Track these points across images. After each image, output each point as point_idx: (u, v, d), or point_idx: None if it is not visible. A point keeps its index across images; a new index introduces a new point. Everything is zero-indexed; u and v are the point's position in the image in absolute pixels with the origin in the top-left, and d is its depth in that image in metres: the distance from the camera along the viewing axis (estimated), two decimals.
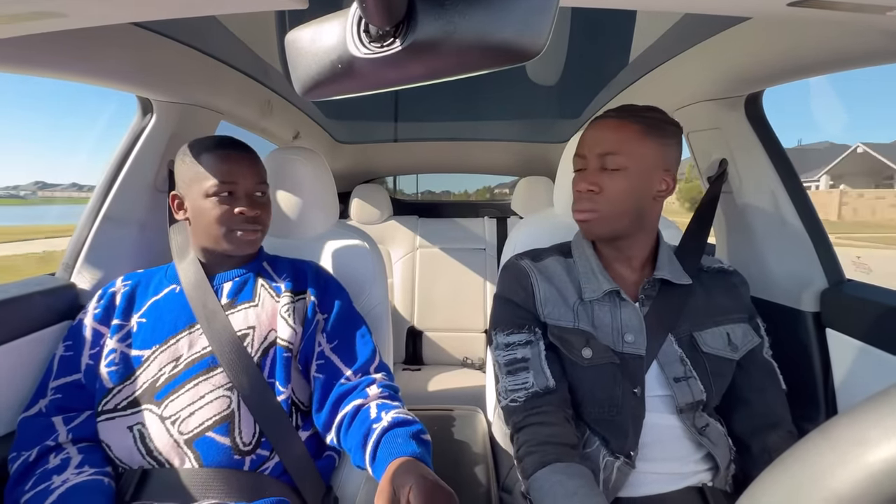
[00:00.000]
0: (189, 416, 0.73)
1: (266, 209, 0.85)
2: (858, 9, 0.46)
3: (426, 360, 2.01)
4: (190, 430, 0.72)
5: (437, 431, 0.88)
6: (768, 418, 0.75)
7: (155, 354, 0.76)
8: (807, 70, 0.77)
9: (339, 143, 2.05)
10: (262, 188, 0.84)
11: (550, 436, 0.69)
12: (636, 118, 0.72)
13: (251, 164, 0.82)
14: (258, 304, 0.82)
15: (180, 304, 0.80)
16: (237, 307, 0.81)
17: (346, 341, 0.82)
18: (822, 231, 0.93)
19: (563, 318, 0.76)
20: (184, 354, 0.76)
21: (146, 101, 1.02)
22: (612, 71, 1.28)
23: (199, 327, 0.78)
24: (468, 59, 0.31)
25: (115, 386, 0.75)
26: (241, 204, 0.79)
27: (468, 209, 2.45)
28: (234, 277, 0.84)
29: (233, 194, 0.80)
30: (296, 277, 0.87)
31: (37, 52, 0.69)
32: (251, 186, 0.81)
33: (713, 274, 0.82)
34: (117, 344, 0.77)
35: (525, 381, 0.73)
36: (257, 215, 0.81)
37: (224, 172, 0.79)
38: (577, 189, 0.75)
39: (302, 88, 0.38)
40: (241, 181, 0.80)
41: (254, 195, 0.82)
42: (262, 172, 0.85)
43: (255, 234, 0.82)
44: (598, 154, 0.73)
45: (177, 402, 0.73)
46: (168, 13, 0.52)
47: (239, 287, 0.83)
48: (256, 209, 0.81)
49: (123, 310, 0.80)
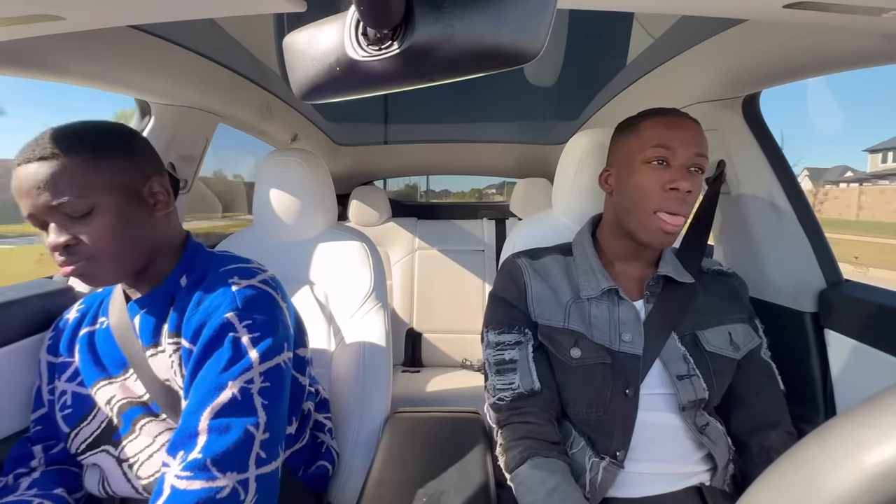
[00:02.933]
0: (148, 458, 0.67)
1: (90, 227, 0.59)
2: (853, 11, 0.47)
3: (425, 362, 2.01)
4: (149, 475, 0.67)
5: (436, 433, 0.88)
6: (767, 418, 0.75)
7: (96, 391, 0.70)
8: (803, 71, 0.78)
9: (337, 145, 2.05)
10: (66, 206, 0.58)
11: (530, 432, 0.71)
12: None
13: (39, 176, 0.57)
14: (163, 349, 0.67)
15: (110, 342, 0.70)
16: (147, 351, 0.67)
17: (188, 393, 0.61)
18: (820, 231, 0.93)
19: (553, 317, 0.76)
20: (117, 395, 0.69)
21: (144, 104, 1.02)
22: (610, 73, 1.28)
23: (132, 372, 0.68)
24: (466, 61, 0.31)
25: (71, 430, 0.70)
26: (47, 231, 0.60)
27: (467, 211, 2.46)
28: (142, 309, 0.68)
29: (42, 223, 0.60)
30: (181, 308, 0.66)
31: (35, 55, 0.69)
32: (45, 211, 0.58)
33: (713, 276, 0.82)
34: (66, 384, 0.71)
35: (512, 382, 0.74)
36: (69, 244, 0.59)
37: (15, 195, 0.60)
38: (677, 186, 0.68)
39: (300, 91, 0.38)
40: (33, 206, 0.58)
41: (57, 217, 0.59)
42: (58, 181, 0.57)
43: (77, 269, 0.60)
44: (694, 153, 0.69)
45: (133, 444, 0.68)
46: (166, 16, 0.52)
47: (144, 324, 0.68)
48: (62, 235, 0.58)
49: (68, 343, 0.73)
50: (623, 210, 0.75)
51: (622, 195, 0.75)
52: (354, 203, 2.13)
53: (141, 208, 0.64)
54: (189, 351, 0.62)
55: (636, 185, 0.71)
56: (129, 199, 0.62)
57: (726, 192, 1.03)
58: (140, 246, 0.64)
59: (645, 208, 0.70)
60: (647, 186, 0.70)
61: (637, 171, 0.71)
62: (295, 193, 1.04)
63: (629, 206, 0.73)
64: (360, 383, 0.96)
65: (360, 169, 2.33)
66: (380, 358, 1.00)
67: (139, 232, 0.64)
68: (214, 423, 0.56)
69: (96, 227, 0.60)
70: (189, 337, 0.63)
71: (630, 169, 0.73)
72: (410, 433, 0.89)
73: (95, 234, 0.60)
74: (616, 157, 0.78)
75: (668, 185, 0.69)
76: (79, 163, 0.59)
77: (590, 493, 0.69)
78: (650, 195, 0.70)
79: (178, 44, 0.92)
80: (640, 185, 0.71)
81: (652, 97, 1.16)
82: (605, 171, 0.80)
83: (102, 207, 0.60)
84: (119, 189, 0.61)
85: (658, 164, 0.70)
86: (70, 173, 0.58)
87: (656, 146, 0.70)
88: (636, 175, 0.71)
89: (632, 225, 0.73)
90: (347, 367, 0.98)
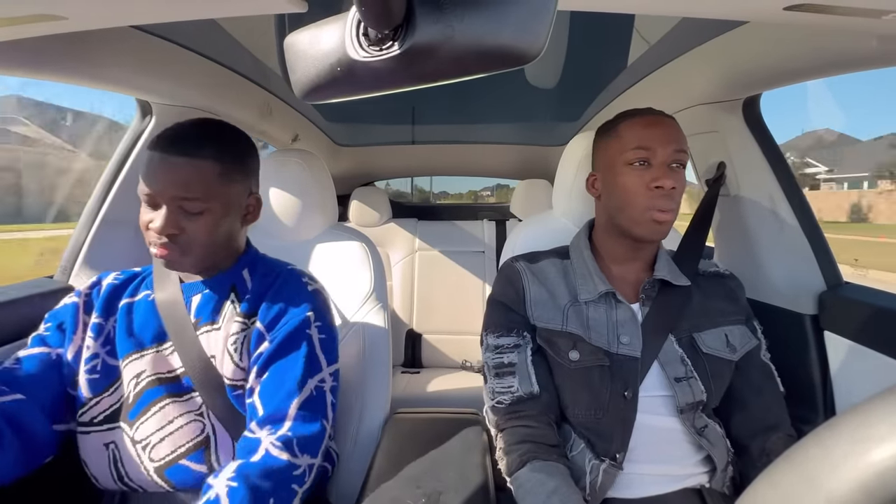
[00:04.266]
0: (160, 441, 0.68)
1: (198, 224, 0.67)
2: (854, 13, 0.47)
3: (425, 363, 2.00)
4: (161, 458, 0.67)
5: (436, 434, 0.88)
6: (767, 420, 0.75)
7: (125, 364, 0.71)
8: (804, 73, 0.78)
9: (338, 145, 2.05)
10: (188, 204, 0.66)
11: (529, 435, 0.71)
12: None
13: (175, 171, 0.65)
14: (220, 327, 0.72)
15: (152, 314, 0.73)
16: (201, 328, 0.72)
17: (270, 379, 0.68)
18: (820, 233, 0.94)
19: (551, 320, 0.76)
20: (146, 371, 0.70)
21: (145, 104, 1.02)
22: (611, 74, 1.28)
23: (170, 345, 0.71)
24: (467, 62, 0.31)
25: (93, 396, 0.70)
26: (158, 216, 0.66)
27: (467, 212, 2.46)
28: (203, 290, 0.73)
29: (155, 205, 0.66)
30: (257, 293, 0.74)
31: (37, 55, 0.69)
32: (169, 200, 0.66)
33: (709, 278, 0.82)
34: (99, 348, 0.71)
35: (510, 386, 0.75)
36: (173, 234, 0.66)
37: (143, 179, 0.66)
38: (660, 185, 0.70)
39: (301, 91, 0.38)
40: (158, 193, 0.65)
41: (175, 210, 0.66)
42: (195, 182, 0.66)
43: (171, 253, 0.66)
44: (673, 150, 0.71)
45: (147, 425, 0.68)
46: (167, 16, 0.52)
47: (205, 303, 0.73)
48: (173, 227, 0.65)
49: (105, 305, 0.74)
50: (614, 210, 0.76)
51: (610, 198, 0.76)
52: (355, 204, 2.13)
53: (236, 217, 0.73)
54: (260, 333, 0.70)
55: (622, 187, 0.73)
56: (233, 209, 0.71)
57: (726, 194, 1.03)
58: (224, 246, 0.72)
59: (634, 208, 0.72)
60: (632, 188, 0.72)
61: (620, 173, 0.73)
62: (295, 194, 1.04)
63: (619, 206, 0.74)
64: (359, 384, 0.96)
65: (361, 169, 2.33)
66: (379, 358, 1.00)
67: (228, 235, 0.72)
68: (300, 412, 0.66)
69: (200, 226, 0.67)
70: (266, 322, 0.70)
71: (614, 172, 0.75)
72: (410, 434, 0.89)
73: (197, 232, 0.67)
74: (600, 162, 0.80)
75: (652, 183, 0.70)
76: (216, 173, 0.68)
77: (590, 496, 0.69)
78: (637, 196, 0.72)
79: (179, 44, 0.92)
80: (626, 187, 0.72)
81: (652, 99, 1.16)
82: (591, 175, 0.82)
83: (213, 212, 0.68)
84: (231, 202, 0.71)
85: (640, 165, 0.72)
86: (205, 181, 0.66)
87: (636, 148, 0.72)
88: (620, 177, 0.73)
89: (624, 223, 0.74)
90: (347, 367, 0.97)
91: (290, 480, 0.62)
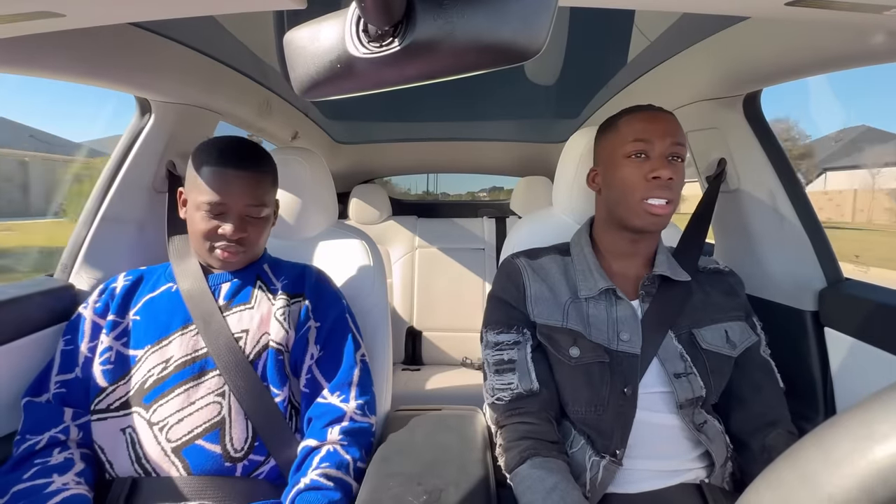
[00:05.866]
0: (177, 422, 0.72)
1: (257, 227, 0.80)
2: (856, 8, 0.46)
3: (425, 360, 2.01)
4: (178, 438, 0.71)
5: (436, 430, 0.88)
6: (767, 417, 0.75)
7: (147, 354, 0.75)
8: (805, 69, 0.77)
9: (338, 143, 2.04)
10: (255, 210, 0.78)
11: (529, 432, 0.71)
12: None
13: (248, 184, 0.77)
14: (253, 306, 0.81)
15: (176, 303, 0.79)
16: (232, 309, 0.80)
17: (330, 355, 0.81)
18: (821, 230, 0.93)
19: (552, 317, 0.76)
20: (174, 356, 0.75)
21: (144, 102, 1.01)
22: (611, 71, 1.28)
23: (193, 328, 0.77)
24: (467, 58, 0.31)
25: (108, 385, 0.74)
26: (228, 222, 0.76)
27: (467, 209, 2.45)
28: (232, 279, 0.83)
29: (222, 214, 0.76)
30: (295, 280, 0.86)
31: (35, 53, 0.69)
32: (242, 208, 0.76)
33: (709, 274, 0.83)
34: (113, 341, 0.77)
35: (510, 383, 0.75)
36: (242, 237, 0.77)
37: (216, 192, 0.74)
38: (658, 175, 0.71)
39: (300, 88, 0.38)
40: (233, 203, 0.75)
41: (245, 216, 0.77)
42: (261, 192, 0.78)
43: (236, 254, 0.78)
44: (671, 143, 0.72)
45: (165, 407, 0.72)
46: (166, 13, 0.52)
47: (236, 289, 0.82)
48: (242, 231, 0.77)
49: (120, 305, 0.80)
50: (613, 203, 0.76)
51: (610, 191, 0.77)
52: (355, 201, 2.13)
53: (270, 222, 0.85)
54: (308, 310, 0.83)
55: (620, 179, 0.74)
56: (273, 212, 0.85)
57: (727, 191, 1.02)
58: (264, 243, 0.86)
59: (632, 198, 0.73)
60: (631, 179, 0.73)
61: (620, 165, 0.74)
62: (295, 192, 1.04)
63: (617, 198, 0.75)
64: None
65: (360, 167, 2.32)
66: (380, 356, 1.00)
67: (266, 237, 0.85)
68: (360, 381, 0.81)
69: (258, 231, 0.80)
70: (313, 302, 0.83)
71: (614, 165, 0.76)
72: (410, 431, 0.89)
73: (255, 235, 0.80)
74: (600, 157, 0.81)
75: (650, 174, 0.71)
76: (271, 181, 0.82)
77: (590, 492, 0.69)
78: (635, 186, 0.72)
79: (178, 41, 0.91)
80: (624, 179, 0.73)
81: (653, 95, 1.16)
82: (591, 170, 0.83)
83: (267, 217, 0.82)
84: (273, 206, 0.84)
85: (638, 158, 0.73)
86: (267, 189, 0.80)
87: (635, 140, 0.73)
88: (619, 170, 0.74)
89: (623, 214, 0.75)
90: None
91: (370, 435, 0.80)
